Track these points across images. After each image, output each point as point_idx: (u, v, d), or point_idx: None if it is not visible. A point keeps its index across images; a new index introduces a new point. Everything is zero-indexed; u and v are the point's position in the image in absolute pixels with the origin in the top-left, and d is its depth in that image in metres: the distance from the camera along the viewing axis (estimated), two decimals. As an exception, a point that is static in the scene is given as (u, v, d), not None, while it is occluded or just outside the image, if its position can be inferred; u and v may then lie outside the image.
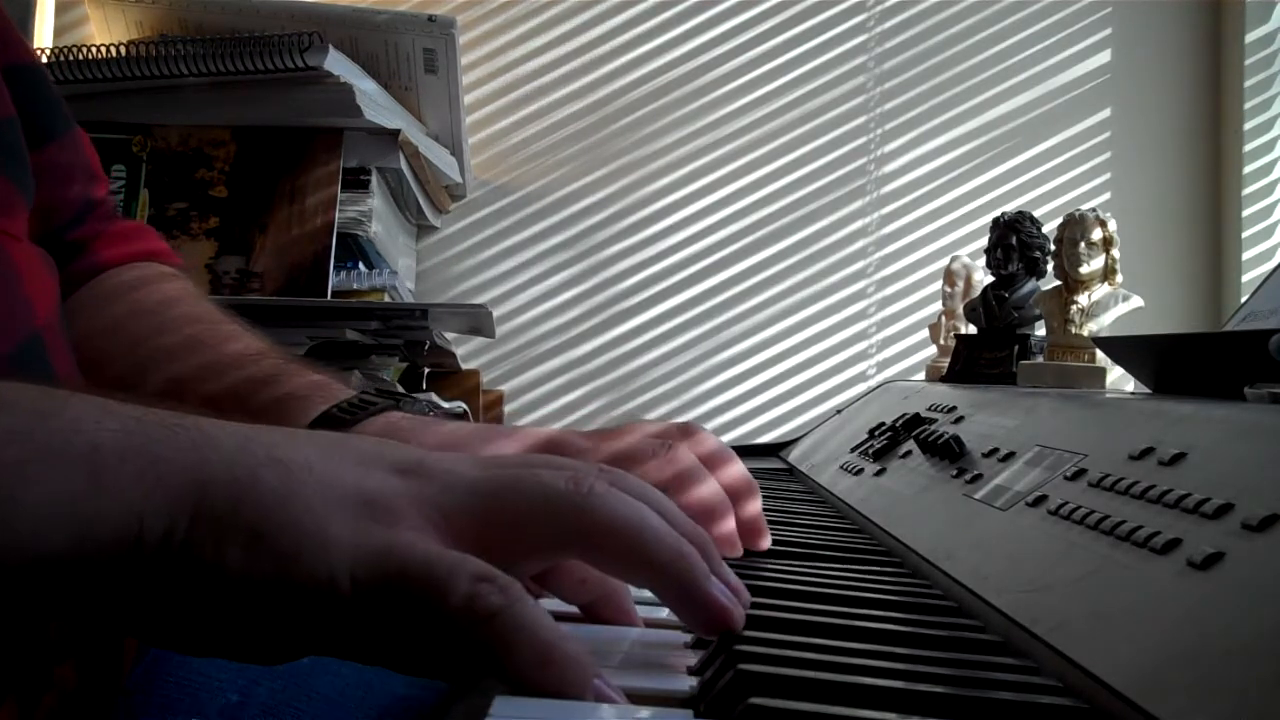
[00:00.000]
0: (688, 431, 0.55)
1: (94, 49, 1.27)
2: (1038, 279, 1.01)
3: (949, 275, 1.19)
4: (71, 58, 1.25)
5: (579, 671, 0.32)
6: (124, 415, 0.32)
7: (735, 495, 0.53)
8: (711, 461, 0.53)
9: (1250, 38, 1.48)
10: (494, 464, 0.37)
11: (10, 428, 0.30)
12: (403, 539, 0.32)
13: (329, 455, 0.34)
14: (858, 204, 1.58)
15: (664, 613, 0.44)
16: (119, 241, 0.67)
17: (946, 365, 1.08)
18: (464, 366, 1.45)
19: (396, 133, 1.31)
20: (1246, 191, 1.48)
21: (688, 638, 0.40)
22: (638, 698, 0.33)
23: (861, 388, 1.50)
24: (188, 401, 0.56)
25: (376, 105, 1.29)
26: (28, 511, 0.29)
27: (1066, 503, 0.46)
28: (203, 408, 0.36)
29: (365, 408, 0.55)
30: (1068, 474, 0.50)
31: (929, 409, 0.80)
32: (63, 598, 0.31)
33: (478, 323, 1.36)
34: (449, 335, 1.39)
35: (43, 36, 1.47)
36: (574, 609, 0.43)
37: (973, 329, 1.06)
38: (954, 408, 0.75)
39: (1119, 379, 0.86)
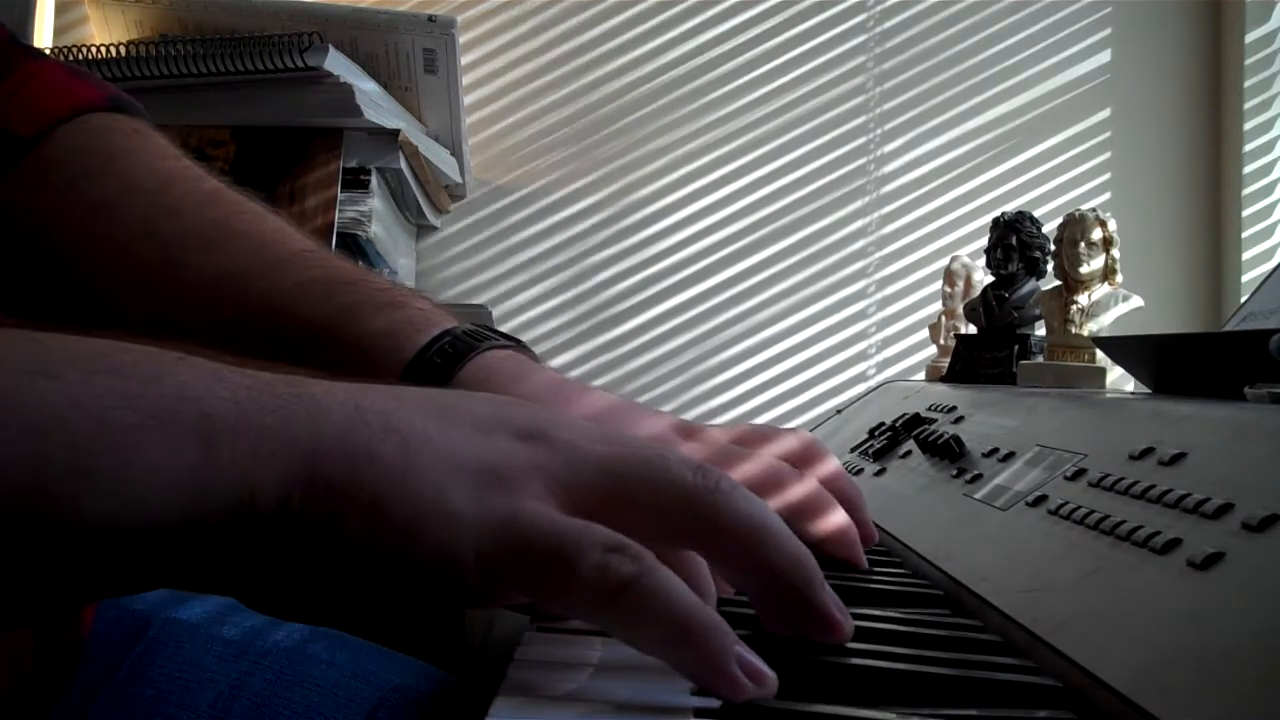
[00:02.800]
0: (810, 455, 0.54)
1: (94, 49, 1.27)
2: (1038, 279, 1.01)
3: (949, 275, 1.19)
4: (71, 58, 1.25)
5: (719, 642, 0.30)
6: (235, 383, 0.31)
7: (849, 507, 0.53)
8: (830, 488, 0.53)
9: (1250, 38, 1.48)
10: (619, 441, 0.35)
11: (120, 391, 0.29)
12: (527, 508, 0.31)
13: (447, 423, 0.33)
14: (858, 204, 1.58)
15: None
16: (58, 90, 0.54)
17: (946, 365, 1.08)
18: (464, 366, 1.45)
19: (396, 133, 1.31)
20: (1246, 191, 1.48)
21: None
22: (638, 697, 0.33)
23: (861, 388, 1.50)
24: (250, 295, 0.50)
25: (376, 105, 1.29)
26: (137, 480, 0.28)
27: (1066, 503, 0.46)
28: (268, 314, 0.33)
29: (473, 345, 0.51)
30: (1068, 474, 0.50)
31: (929, 409, 0.80)
32: (169, 565, 0.30)
33: (477, 323, 1.35)
34: (449, 335, 1.38)
35: (43, 36, 1.47)
36: None
37: (973, 329, 1.06)
38: (954, 408, 0.75)
39: (1119, 379, 0.86)
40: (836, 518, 0.51)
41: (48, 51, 1.27)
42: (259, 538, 0.30)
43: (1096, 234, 0.92)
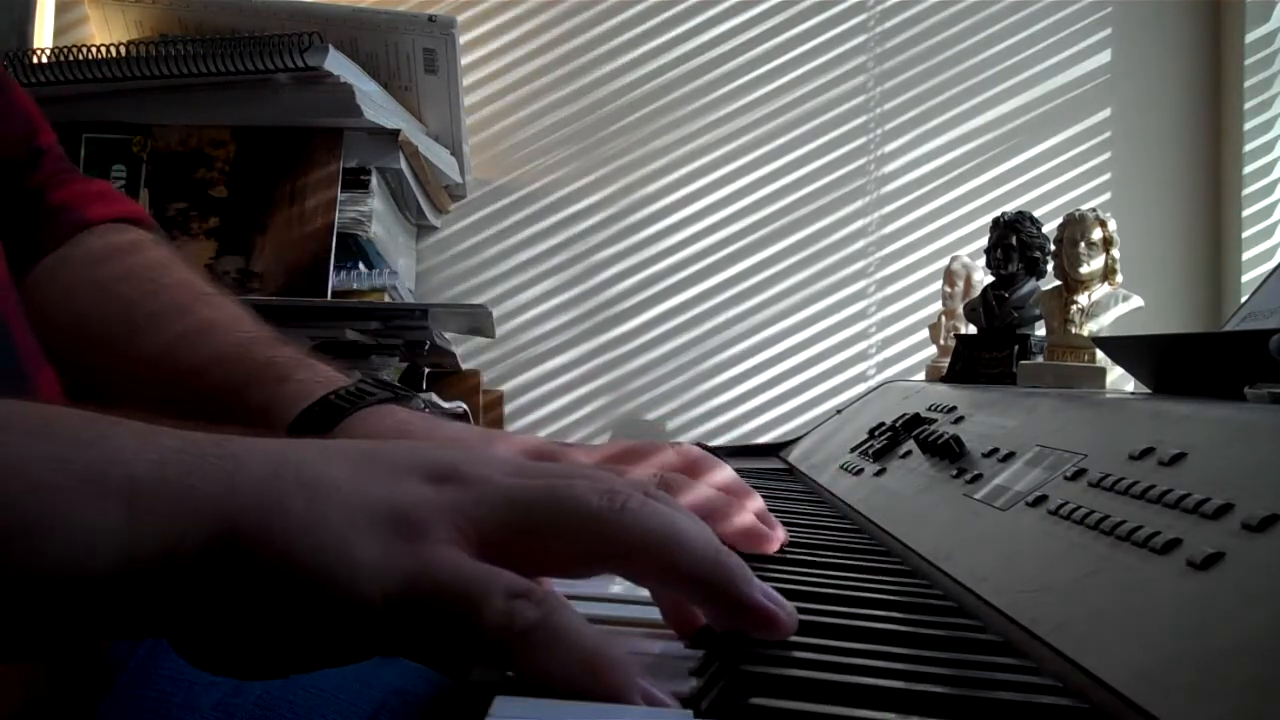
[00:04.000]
0: (697, 465, 0.55)
1: (94, 49, 1.27)
2: (1038, 279, 1.01)
3: (949, 275, 1.19)
4: (71, 58, 1.25)
5: (624, 676, 0.32)
6: (163, 446, 0.33)
7: (735, 495, 0.53)
8: (704, 477, 0.53)
9: (1250, 38, 1.48)
10: (530, 472, 0.37)
11: (54, 455, 0.31)
12: (434, 556, 0.32)
13: (359, 470, 0.34)
14: (858, 204, 1.58)
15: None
16: (99, 201, 0.67)
17: (946, 365, 1.08)
18: (464, 366, 1.45)
19: (396, 133, 1.31)
20: (1246, 191, 1.48)
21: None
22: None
23: (861, 388, 1.50)
24: (180, 368, 0.59)
25: (376, 105, 1.29)
26: (64, 538, 0.30)
27: (1066, 503, 0.46)
28: (194, 382, 0.35)
29: (363, 397, 0.56)
30: (1068, 474, 0.50)
31: (929, 409, 0.80)
32: (106, 617, 0.32)
33: (478, 323, 1.36)
34: (449, 335, 1.39)
35: (43, 36, 1.47)
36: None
37: (973, 329, 1.06)
38: (954, 408, 0.75)
39: (1119, 379, 0.86)
40: (740, 518, 0.51)
41: (48, 51, 1.27)
42: (185, 590, 0.31)
43: (1096, 234, 0.92)
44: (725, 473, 0.55)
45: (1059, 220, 0.96)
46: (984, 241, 1.05)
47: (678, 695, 0.34)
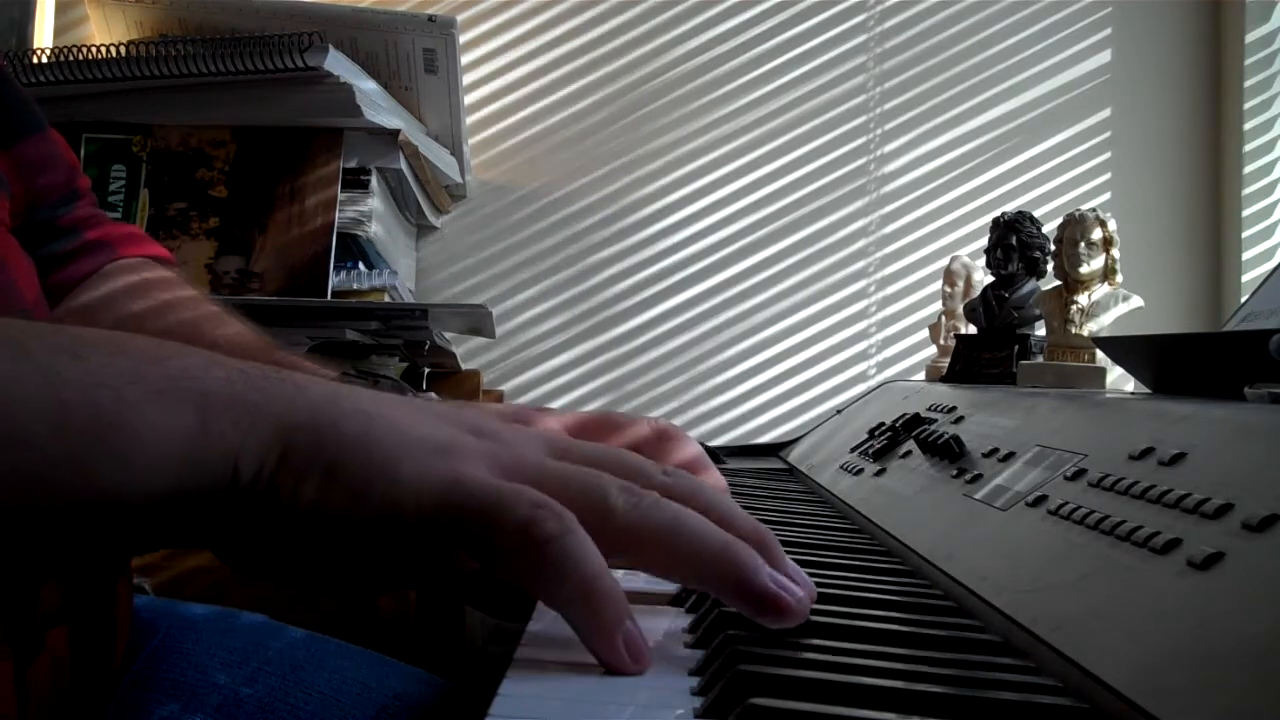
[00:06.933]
0: (665, 441, 0.54)
1: (94, 49, 1.27)
2: (1038, 279, 1.01)
3: (949, 275, 1.19)
4: (71, 58, 1.25)
5: (614, 610, 0.34)
6: (229, 366, 0.35)
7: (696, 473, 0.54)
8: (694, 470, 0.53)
9: (1250, 38, 1.48)
10: (563, 452, 0.39)
11: (132, 370, 0.33)
12: (468, 471, 0.35)
13: (411, 412, 0.37)
14: (858, 204, 1.58)
15: (662, 613, 0.44)
16: (130, 242, 0.73)
17: (946, 365, 1.08)
18: (464, 366, 1.45)
19: (396, 133, 1.31)
20: (1246, 191, 1.48)
21: (688, 637, 0.40)
22: (637, 698, 0.33)
23: (861, 388, 1.50)
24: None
25: (376, 105, 1.29)
26: (147, 448, 0.32)
27: (1066, 503, 0.46)
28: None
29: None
30: (1068, 474, 0.50)
31: (929, 409, 0.80)
32: (162, 533, 0.34)
33: (478, 323, 1.36)
34: (449, 335, 1.39)
35: (43, 36, 1.47)
36: None
37: (973, 329, 1.06)
38: (954, 408, 0.75)
39: (1119, 379, 0.86)
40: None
41: (48, 51, 1.27)
42: (239, 501, 0.33)
43: (1096, 234, 0.92)
44: (692, 448, 0.56)
45: (1059, 220, 0.96)
46: (984, 241, 1.05)
47: (677, 695, 0.34)
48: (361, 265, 1.31)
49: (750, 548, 0.37)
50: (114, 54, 1.26)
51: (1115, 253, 0.93)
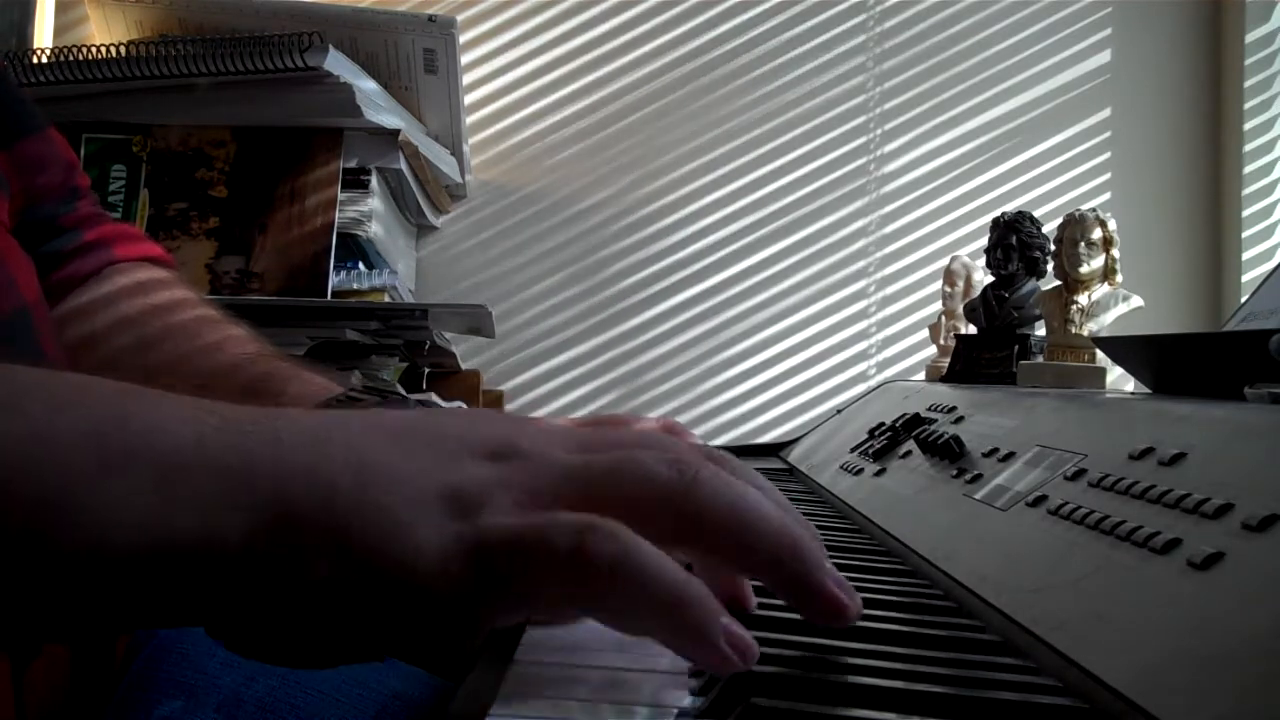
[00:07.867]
0: (673, 434, 0.55)
1: (94, 49, 1.27)
2: (1038, 279, 1.01)
3: (949, 275, 1.19)
4: (71, 58, 1.25)
5: (706, 614, 0.30)
6: (200, 422, 0.31)
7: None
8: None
9: (1250, 38, 1.48)
10: (589, 446, 0.35)
11: (82, 429, 0.29)
12: (491, 522, 0.31)
13: (410, 450, 0.32)
14: (858, 204, 1.58)
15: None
16: (129, 242, 0.72)
17: (946, 365, 1.08)
18: (464, 366, 1.45)
19: (396, 133, 1.31)
20: (1246, 191, 1.48)
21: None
22: (636, 697, 0.33)
23: (861, 388, 1.50)
24: (183, 382, 0.63)
25: (376, 105, 1.29)
26: (92, 518, 0.28)
27: (1066, 503, 0.46)
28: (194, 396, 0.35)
29: (352, 405, 0.57)
30: (1068, 474, 0.50)
31: (929, 409, 0.80)
32: (144, 599, 0.30)
33: (478, 323, 1.36)
34: (449, 335, 1.39)
35: (43, 36, 1.47)
36: None
37: (973, 329, 1.06)
38: (954, 408, 0.75)
39: (1119, 379, 0.86)
40: None
41: (48, 51, 1.27)
42: (229, 575, 0.30)
43: (1096, 234, 0.92)
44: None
45: (1059, 220, 0.96)
46: (984, 241, 1.05)
47: (677, 695, 0.34)
48: (361, 265, 1.31)
49: (811, 540, 0.34)
50: (114, 54, 1.26)
51: (1115, 253, 0.93)
